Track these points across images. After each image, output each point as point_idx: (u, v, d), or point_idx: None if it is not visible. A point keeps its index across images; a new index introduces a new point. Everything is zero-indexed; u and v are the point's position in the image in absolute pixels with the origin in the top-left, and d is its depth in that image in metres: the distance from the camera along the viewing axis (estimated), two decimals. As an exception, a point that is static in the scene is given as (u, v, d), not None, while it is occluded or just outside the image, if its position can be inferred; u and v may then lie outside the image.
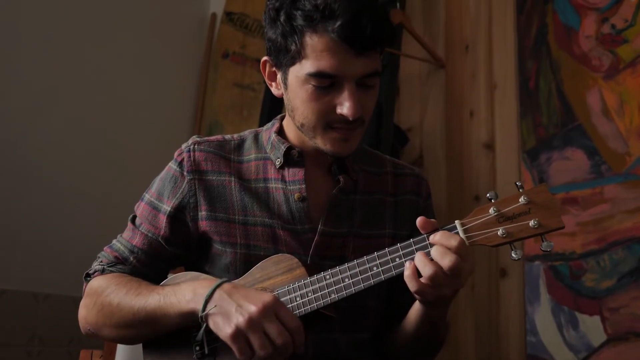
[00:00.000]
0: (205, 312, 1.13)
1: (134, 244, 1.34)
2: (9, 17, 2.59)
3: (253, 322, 1.08)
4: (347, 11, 1.14)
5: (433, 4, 2.78)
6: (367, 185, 1.36)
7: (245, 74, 3.26)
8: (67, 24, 2.77)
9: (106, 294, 1.26)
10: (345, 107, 1.18)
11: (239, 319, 1.09)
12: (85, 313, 1.31)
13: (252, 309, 1.08)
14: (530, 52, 2.46)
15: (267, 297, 1.10)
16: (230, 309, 1.10)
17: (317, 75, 1.18)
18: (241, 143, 1.38)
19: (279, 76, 1.27)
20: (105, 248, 1.38)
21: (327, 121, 1.22)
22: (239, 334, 1.09)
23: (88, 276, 1.35)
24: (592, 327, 2.13)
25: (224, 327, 1.11)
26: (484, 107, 2.55)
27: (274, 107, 2.69)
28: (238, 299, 1.11)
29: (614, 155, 2.19)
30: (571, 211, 2.23)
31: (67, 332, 2.54)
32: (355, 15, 1.14)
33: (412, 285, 1.09)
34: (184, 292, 1.18)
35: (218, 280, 1.17)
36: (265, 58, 1.29)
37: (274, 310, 1.09)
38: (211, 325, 1.13)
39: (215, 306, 1.12)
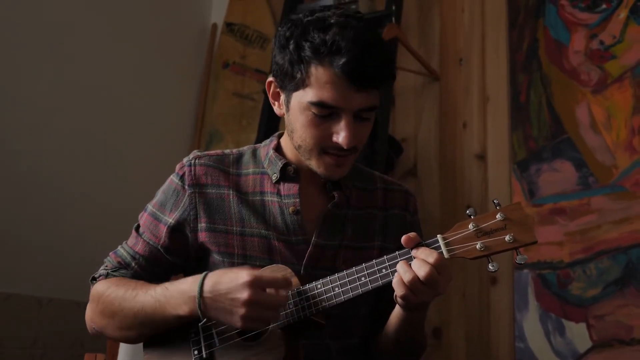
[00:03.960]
0: (204, 321, 1.22)
1: (136, 250, 1.42)
2: (12, 27, 2.63)
3: (251, 306, 1.16)
4: (352, 49, 1.21)
5: (428, 18, 2.84)
6: (359, 200, 1.43)
7: (244, 83, 3.32)
8: (69, 35, 2.80)
9: (107, 295, 1.35)
10: (340, 137, 1.26)
11: (240, 311, 1.16)
12: (91, 314, 1.40)
13: (243, 296, 1.16)
14: (522, 66, 2.52)
15: (244, 278, 1.17)
16: (225, 307, 1.18)
17: (318, 105, 1.25)
18: (240, 157, 1.45)
19: (282, 97, 1.34)
20: (110, 254, 1.46)
21: (323, 147, 1.30)
22: (247, 319, 1.17)
23: (94, 279, 1.43)
24: (578, 334, 2.19)
25: (233, 322, 1.19)
26: (476, 119, 2.62)
27: (272, 116, 2.75)
28: (226, 295, 1.18)
29: (601, 167, 2.25)
30: (559, 221, 2.29)
31: (70, 336, 2.58)
32: (359, 54, 1.21)
33: (399, 291, 1.17)
34: (175, 296, 1.25)
35: (198, 281, 1.23)
36: (270, 79, 1.36)
37: (257, 284, 1.17)
38: (221, 322, 1.23)
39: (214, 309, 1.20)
